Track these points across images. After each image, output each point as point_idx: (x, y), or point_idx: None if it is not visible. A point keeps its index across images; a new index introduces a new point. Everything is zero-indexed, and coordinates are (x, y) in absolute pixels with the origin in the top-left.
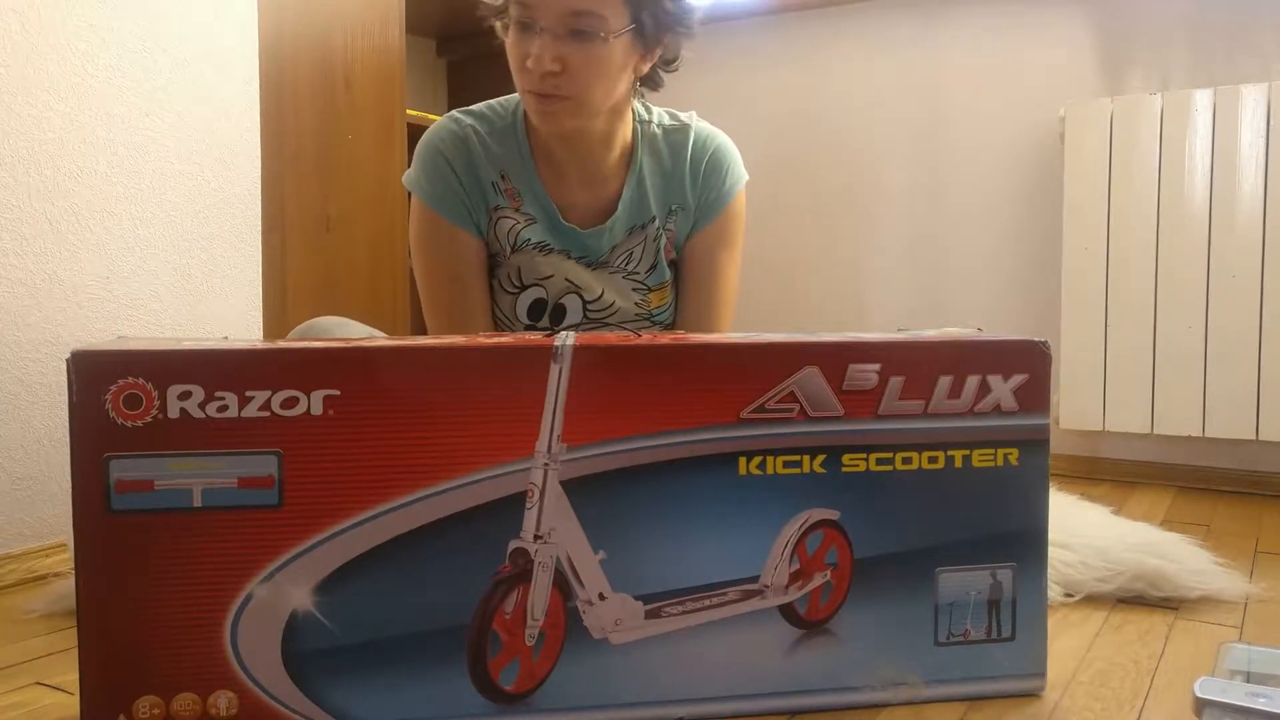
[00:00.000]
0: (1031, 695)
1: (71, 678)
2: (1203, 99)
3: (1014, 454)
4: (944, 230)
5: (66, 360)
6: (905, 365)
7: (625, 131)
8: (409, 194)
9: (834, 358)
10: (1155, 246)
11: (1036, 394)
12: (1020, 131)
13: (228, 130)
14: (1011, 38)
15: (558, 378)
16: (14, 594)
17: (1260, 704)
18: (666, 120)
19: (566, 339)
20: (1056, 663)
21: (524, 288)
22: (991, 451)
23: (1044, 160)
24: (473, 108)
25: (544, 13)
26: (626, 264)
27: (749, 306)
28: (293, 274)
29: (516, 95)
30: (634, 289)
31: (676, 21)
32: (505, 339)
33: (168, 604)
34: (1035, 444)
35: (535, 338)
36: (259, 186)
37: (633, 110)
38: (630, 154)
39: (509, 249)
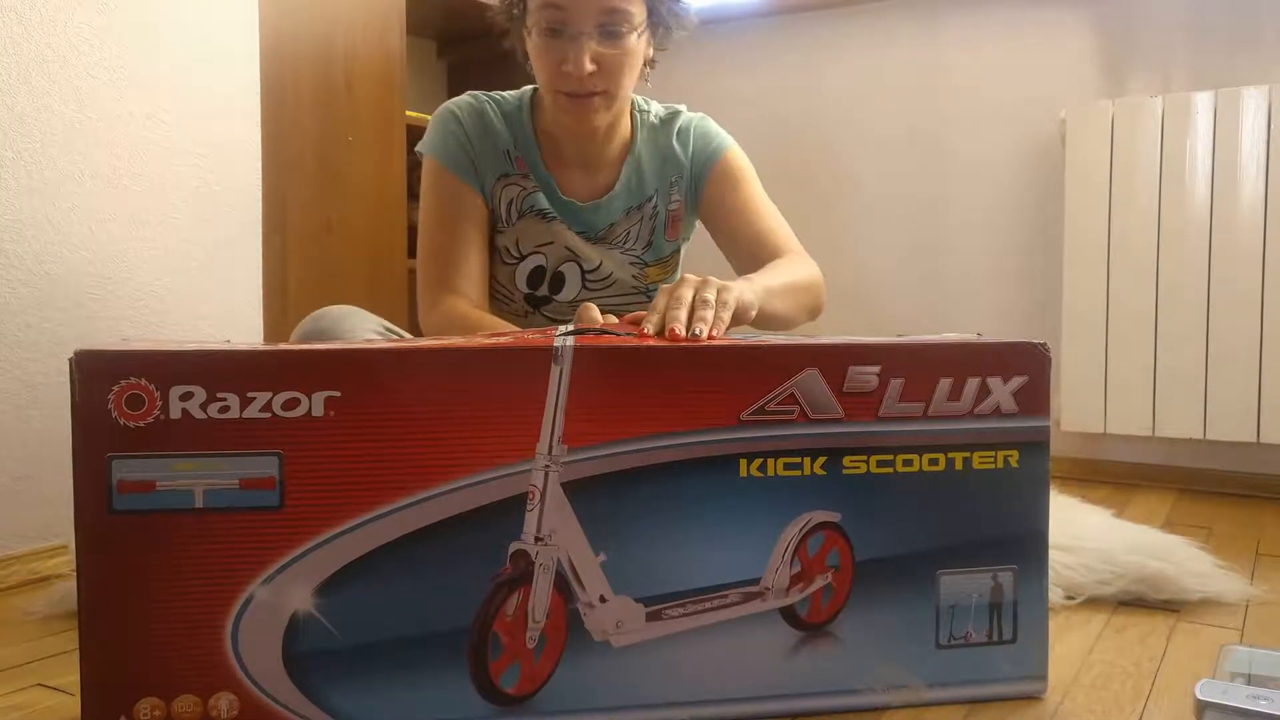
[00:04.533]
0: (1033, 698)
1: (73, 679)
2: (1203, 101)
3: (1014, 456)
4: (945, 233)
5: (69, 360)
6: (905, 367)
7: (625, 121)
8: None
9: (834, 360)
10: (1156, 248)
11: (1036, 396)
12: (1021, 134)
13: (228, 132)
14: (1012, 40)
15: (558, 379)
16: (15, 595)
17: (1261, 706)
18: (663, 112)
19: (567, 340)
20: (1058, 665)
21: (523, 257)
22: (992, 453)
23: (1045, 163)
24: (486, 93)
25: (576, 16)
26: (624, 241)
27: None
28: (293, 275)
29: (524, 89)
30: (631, 263)
31: (681, 7)
32: (506, 340)
33: (169, 605)
34: (1035, 446)
35: (536, 339)
36: (259, 188)
37: (632, 101)
38: (629, 142)
39: (515, 216)
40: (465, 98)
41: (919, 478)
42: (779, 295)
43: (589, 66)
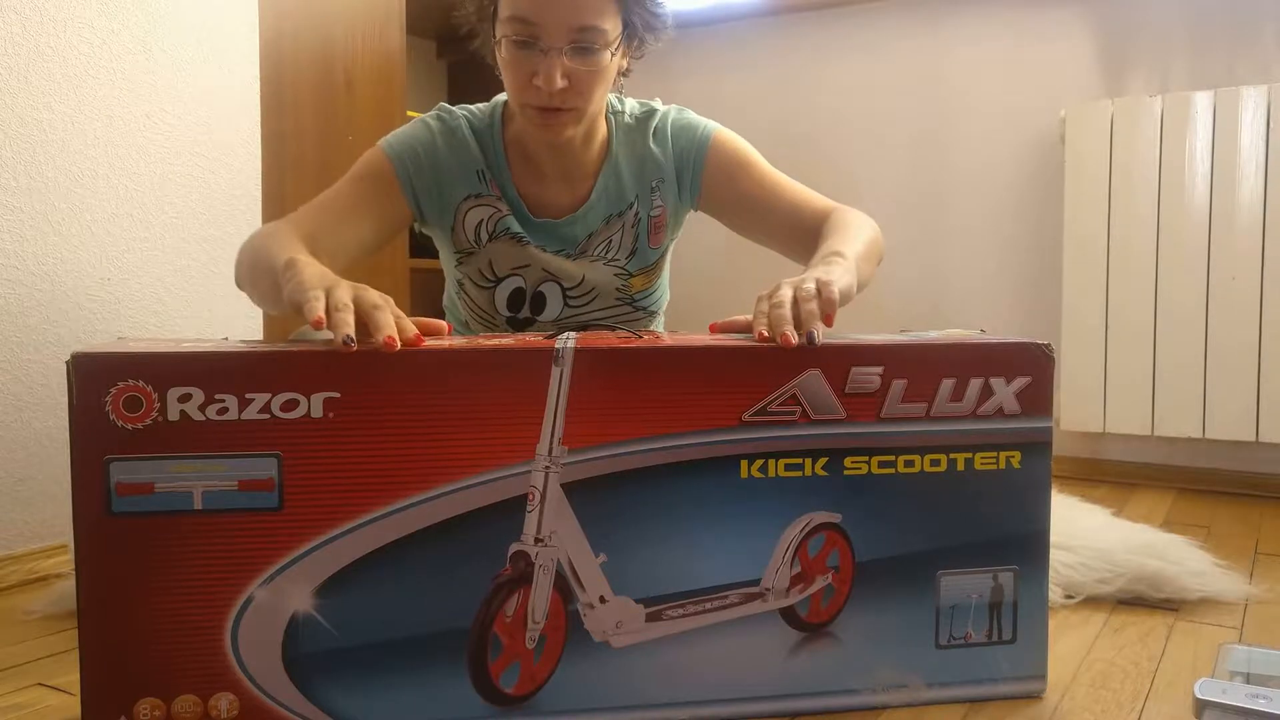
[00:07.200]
0: (1032, 697)
1: (72, 679)
2: (1203, 101)
3: (1016, 457)
4: (945, 232)
5: (67, 362)
6: (908, 368)
7: (600, 126)
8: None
9: (836, 360)
10: (1155, 247)
11: (1039, 397)
12: (1021, 133)
13: (228, 131)
14: (1012, 40)
15: (559, 380)
16: (15, 595)
17: (1260, 705)
18: (638, 109)
19: (567, 341)
20: (1057, 665)
21: (499, 280)
22: (994, 454)
23: (1044, 162)
24: (458, 106)
25: (549, 33)
26: (606, 251)
27: (746, 309)
28: None
29: (495, 100)
30: (615, 274)
31: (658, 20)
32: (506, 340)
33: (168, 606)
34: (1037, 446)
35: (536, 340)
36: (259, 188)
37: (606, 102)
38: (605, 147)
39: (485, 238)
40: (439, 114)
41: (920, 478)
42: (864, 260)
43: (560, 82)
